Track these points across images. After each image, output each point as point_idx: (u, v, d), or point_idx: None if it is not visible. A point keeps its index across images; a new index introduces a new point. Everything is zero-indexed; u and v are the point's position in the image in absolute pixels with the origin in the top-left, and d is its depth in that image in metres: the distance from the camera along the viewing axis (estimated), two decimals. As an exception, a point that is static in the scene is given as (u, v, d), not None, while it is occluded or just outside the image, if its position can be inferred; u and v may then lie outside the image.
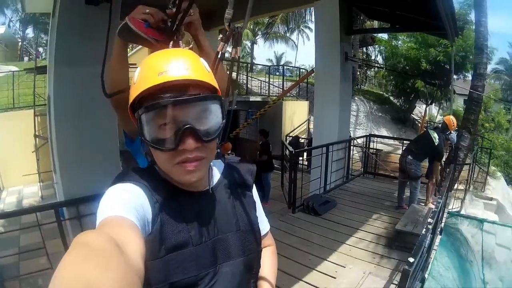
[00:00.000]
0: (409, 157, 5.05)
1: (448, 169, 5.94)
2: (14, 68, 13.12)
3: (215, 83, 0.74)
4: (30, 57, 25.84)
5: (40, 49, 24.54)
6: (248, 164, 0.97)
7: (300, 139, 11.31)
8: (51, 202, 6.71)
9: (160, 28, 1.01)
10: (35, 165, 8.28)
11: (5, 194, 8.48)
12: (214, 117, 0.72)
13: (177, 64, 0.69)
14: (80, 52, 3.23)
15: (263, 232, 0.93)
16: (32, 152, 8.31)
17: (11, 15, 28.14)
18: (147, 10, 0.99)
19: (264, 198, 6.28)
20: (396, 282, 3.07)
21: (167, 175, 0.75)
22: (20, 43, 27.74)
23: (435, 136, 5.00)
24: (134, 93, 0.71)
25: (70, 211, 3.36)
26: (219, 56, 0.97)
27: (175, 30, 1.01)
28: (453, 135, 5.30)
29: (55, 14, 3.45)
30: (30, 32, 30.49)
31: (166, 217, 0.70)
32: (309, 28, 30.56)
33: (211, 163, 0.85)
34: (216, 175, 0.87)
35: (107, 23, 2.38)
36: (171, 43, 1.01)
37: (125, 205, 0.63)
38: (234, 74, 1.07)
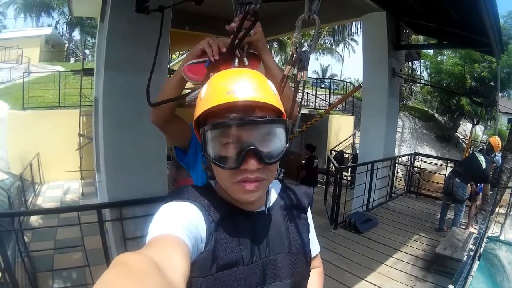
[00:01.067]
0: (457, 179, 4.94)
1: (491, 192, 5.68)
2: (60, 68, 13.83)
3: (281, 106, 0.74)
4: (77, 58, 27.03)
5: (86, 51, 25.58)
6: (305, 187, 0.97)
7: (344, 154, 11.23)
8: (91, 199, 6.98)
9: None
10: (77, 163, 8.61)
11: (45, 188, 8.89)
12: (277, 140, 0.72)
13: (245, 85, 0.69)
14: (131, 59, 3.24)
15: (313, 254, 0.93)
16: (76, 150, 8.65)
17: (57, 17, 29.59)
18: (201, 47, 0.98)
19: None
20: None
21: (224, 192, 0.76)
22: (66, 45, 29.08)
23: (481, 159, 4.91)
24: (200, 109, 0.72)
25: (112, 212, 3.39)
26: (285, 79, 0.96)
27: (233, 50, 0.97)
28: (498, 157, 5.26)
29: (105, 20, 3.50)
30: (76, 34, 31.97)
31: (221, 236, 0.71)
32: (355, 40, 30.23)
33: None
34: (273, 195, 0.87)
35: (157, 32, 2.42)
36: (236, 60, 0.97)
37: (178, 224, 0.63)
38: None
